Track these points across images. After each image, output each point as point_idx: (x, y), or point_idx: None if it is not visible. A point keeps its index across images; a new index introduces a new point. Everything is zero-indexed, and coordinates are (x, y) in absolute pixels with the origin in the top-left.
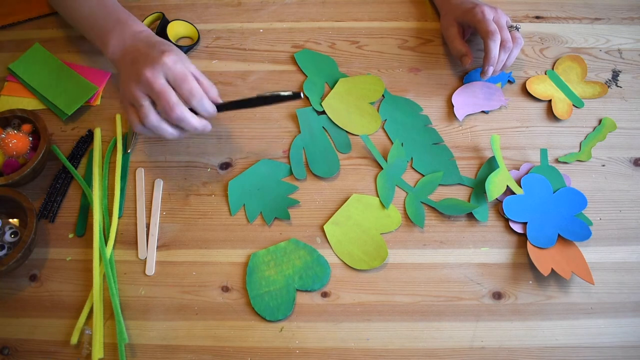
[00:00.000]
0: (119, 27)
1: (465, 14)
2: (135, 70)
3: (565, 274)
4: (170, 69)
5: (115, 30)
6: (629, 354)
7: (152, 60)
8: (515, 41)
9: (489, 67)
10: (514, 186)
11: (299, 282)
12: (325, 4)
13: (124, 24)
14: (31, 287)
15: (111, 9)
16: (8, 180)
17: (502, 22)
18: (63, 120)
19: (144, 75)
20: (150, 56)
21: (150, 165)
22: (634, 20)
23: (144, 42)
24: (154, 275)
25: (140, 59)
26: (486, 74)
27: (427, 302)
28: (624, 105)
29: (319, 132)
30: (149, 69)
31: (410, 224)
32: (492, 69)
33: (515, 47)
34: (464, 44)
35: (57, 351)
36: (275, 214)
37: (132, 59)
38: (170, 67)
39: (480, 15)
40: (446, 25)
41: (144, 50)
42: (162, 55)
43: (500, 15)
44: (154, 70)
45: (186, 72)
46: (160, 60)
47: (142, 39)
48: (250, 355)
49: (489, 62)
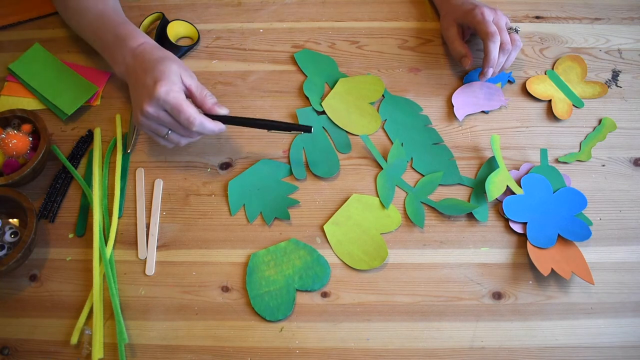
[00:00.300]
0: (119, 44)
1: (465, 15)
2: (139, 103)
3: (565, 274)
4: (165, 102)
5: (116, 47)
6: (629, 354)
7: (148, 94)
8: (514, 43)
9: (489, 69)
10: (514, 186)
11: (299, 282)
12: (325, 4)
13: (122, 40)
14: (31, 287)
15: (109, 24)
16: (8, 180)
17: (502, 24)
18: (63, 120)
19: (146, 111)
20: (146, 87)
21: (150, 165)
22: (634, 20)
23: (140, 62)
24: (154, 275)
25: (138, 87)
26: (485, 75)
27: (427, 302)
28: (624, 105)
29: (319, 132)
30: (148, 104)
31: (410, 224)
32: (491, 71)
33: (514, 49)
34: (464, 45)
35: (57, 351)
36: (275, 214)
37: (134, 84)
38: (164, 100)
39: (480, 17)
40: (446, 26)
41: (142, 77)
42: (155, 88)
43: (500, 17)
44: (152, 105)
45: (179, 101)
46: (154, 94)
47: (139, 57)
48: (250, 355)
49: (489, 64)
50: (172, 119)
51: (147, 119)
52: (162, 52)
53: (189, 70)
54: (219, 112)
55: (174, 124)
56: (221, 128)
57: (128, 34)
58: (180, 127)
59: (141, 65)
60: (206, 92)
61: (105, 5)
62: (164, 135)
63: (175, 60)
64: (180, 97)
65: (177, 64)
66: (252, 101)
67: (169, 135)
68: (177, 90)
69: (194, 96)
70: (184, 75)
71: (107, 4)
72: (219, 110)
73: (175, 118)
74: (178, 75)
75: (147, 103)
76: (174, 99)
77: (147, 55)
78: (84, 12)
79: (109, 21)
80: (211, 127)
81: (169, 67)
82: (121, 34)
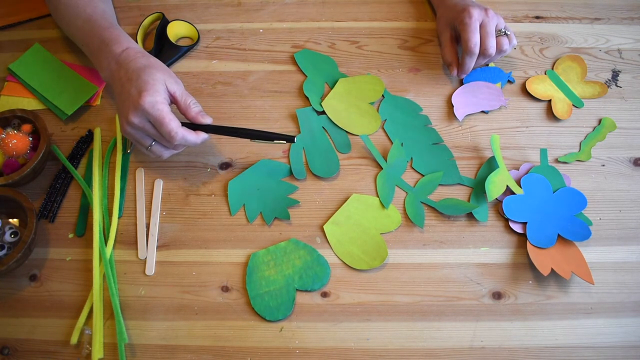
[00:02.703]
0: (104, 49)
1: (455, 17)
2: (124, 113)
3: (565, 274)
4: (148, 113)
5: (101, 53)
6: (629, 354)
7: (133, 104)
8: (501, 47)
9: (461, 74)
10: (514, 186)
11: (298, 282)
12: (325, 4)
13: (106, 45)
14: (31, 287)
15: (96, 29)
16: (8, 180)
17: (490, 27)
18: (63, 120)
19: (131, 121)
20: (130, 97)
21: (150, 165)
22: (634, 20)
23: (125, 70)
24: (154, 275)
25: (123, 96)
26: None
27: (426, 302)
28: (623, 105)
29: (319, 132)
30: (133, 115)
31: (410, 224)
32: (462, 76)
33: (498, 54)
34: (453, 53)
35: (57, 351)
36: (275, 214)
37: (119, 92)
38: (148, 111)
39: (466, 20)
40: (440, 29)
41: (126, 87)
42: (139, 99)
43: (491, 19)
44: (137, 115)
45: (162, 114)
46: (139, 105)
47: (123, 64)
48: (250, 355)
49: (461, 71)
50: (156, 130)
51: (132, 129)
52: (146, 59)
53: (174, 76)
54: (202, 121)
55: (158, 136)
56: (204, 138)
57: (113, 38)
58: (163, 139)
59: (125, 74)
60: (190, 99)
61: (93, 9)
62: (147, 146)
63: (159, 68)
64: (163, 110)
65: (161, 71)
66: (252, 101)
67: (152, 147)
68: (161, 101)
69: (178, 104)
70: (168, 82)
71: (96, 8)
72: (203, 119)
73: (158, 130)
74: (163, 83)
75: (132, 113)
76: (157, 111)
77: (131, 64)
78: (73, 18)
79: (95, 26)
80: (193, 139)
81: (152, 76)
82: (106, 38)
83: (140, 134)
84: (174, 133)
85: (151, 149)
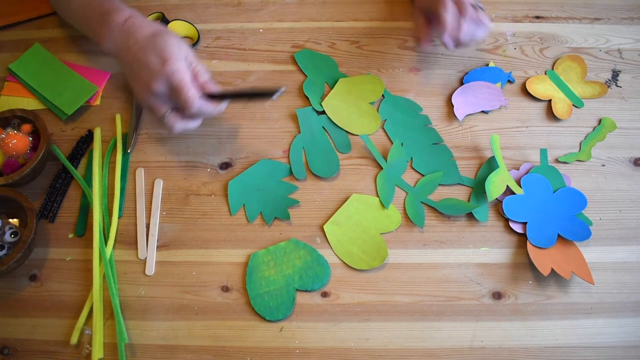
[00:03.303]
0: (104, 19)
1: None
2: (144, 80)
3: (565, 274)
4: (169, 79)
5: (104, 23)
6: (629, 354)
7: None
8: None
9: (445, 35)
10: (514, 186)
11: (298, 282)
12: (325, 4)
13: (107, 15)
14: (31, 287)
15: (95, 2)
16: (8, 180)
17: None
18: (63, 120)
19: (153, 89)
20: (150, 64)
21: (150, 165)
22: (634, 20)
23: (133, 39)
24: (154, 275)
25: (139, 64)
26: (446, 44)
27: (426, 302)
28: (623, 105)
29: (319, 132)
30: (155, 81)
31: (410, 224)
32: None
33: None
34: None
35: (57, 351)
36: (275, 214)
37: (131, 60)
38: (169, 77)
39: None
40: (415, 15)
41: (140, 55)
42: (163, 66)
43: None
44: (160, 82)
45: (182, 83)
46: (162, 72)
47: (131, 34)
48: (250, 355)
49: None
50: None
51: (152, 96)
52: (152, 26)
53: (183, 42)
54: (210, 89)
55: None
56: (220, 110)
57: (114, 8)
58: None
59: (136, 43)
60: (200, 67)
61: None
62: (162, 115)
63: (170, 34)
64: (185, 77)
65: (172, 37)
66: None
67: (167, 116)
68: (183, 68)
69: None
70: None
71: None
72: (211, 88)
73: (174, 97)
74: (181, 49)
75: (155, 81)
76: (179, 78)
77: (140, 32)
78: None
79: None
80: (209, 109)
81: (168, 42)
82: (106, 9)
83: (158, 102)
84: (191, 100)
85: (165, 118)
